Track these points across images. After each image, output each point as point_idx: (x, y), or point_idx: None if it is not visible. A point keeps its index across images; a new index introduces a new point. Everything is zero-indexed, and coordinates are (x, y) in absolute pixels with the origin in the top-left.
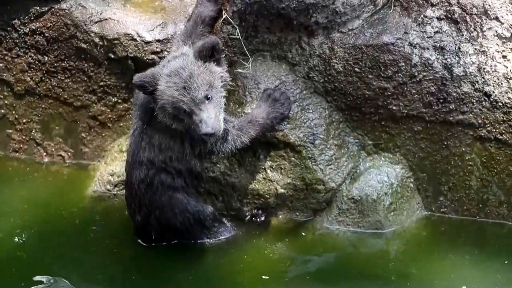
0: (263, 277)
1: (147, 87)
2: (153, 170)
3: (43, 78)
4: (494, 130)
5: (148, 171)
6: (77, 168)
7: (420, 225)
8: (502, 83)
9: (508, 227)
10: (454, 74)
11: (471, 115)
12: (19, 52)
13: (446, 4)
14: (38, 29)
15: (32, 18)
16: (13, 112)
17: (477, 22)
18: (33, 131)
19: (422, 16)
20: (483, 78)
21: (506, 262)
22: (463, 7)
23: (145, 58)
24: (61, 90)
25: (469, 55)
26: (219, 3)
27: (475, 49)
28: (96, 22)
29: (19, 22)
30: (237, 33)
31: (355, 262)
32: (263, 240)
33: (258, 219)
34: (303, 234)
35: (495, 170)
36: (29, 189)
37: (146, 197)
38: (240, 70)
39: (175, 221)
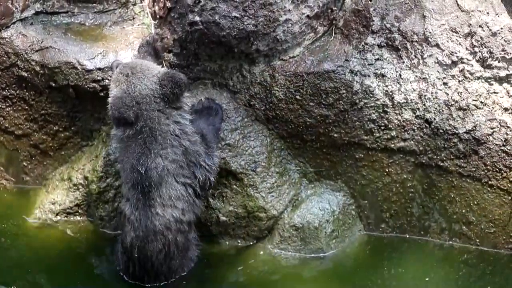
0: None
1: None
2: (170, 235)
3: None
4: (435, 157)
5: (165, 239)
6: (19, 195)
7: (361, 249)
8: (443, 110)
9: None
10: (395, 101)
11: (412, 142)
12: None
13: (387, 31)
14: None
15: None
16: None
17: (418, 49)
18: None
19: (363, 43)
20: (424, 105)
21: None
22: (403, 34)
23: (86, 86)
24: (2, 118)
25: (410, 82)
26: (160, 57)
27: (416, 76)
28: (37, 51)
29: None
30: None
31: (296, 285)
32: (203, 266)
33: None
34: (246, 259)
35: (437, 197)
36: None
37: (164, 266)
38: None
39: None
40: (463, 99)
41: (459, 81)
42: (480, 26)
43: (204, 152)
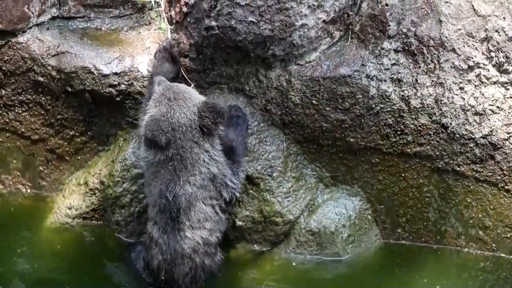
0: None
1: None
2: (197, 258)
3: (0, 112)
4: (452, 162)
5: (192, 263)
6: (35, 200)
7: (378, 254)
8: (459, 115)
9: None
10: (412, 106)
11: (428, 147)
12: None
13: (403, 36)
14: None
15: None
16: None
17: (434, 54)
18: None
19: (379, 48)
20: (440, 110)
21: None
22: (420, 39)
23: (102, 91)
24: (19, 123)
25: (426, 87)
26: (177, 62)
27: (432, 81)
28: (53, 56)
29: None
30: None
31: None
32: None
33: None
34: (262, 264)
35: (453, 202)
36: None
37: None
38: None
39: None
40: (480, 104)
41: (475, 86)
42: (496, 31)
43: (231, 171)
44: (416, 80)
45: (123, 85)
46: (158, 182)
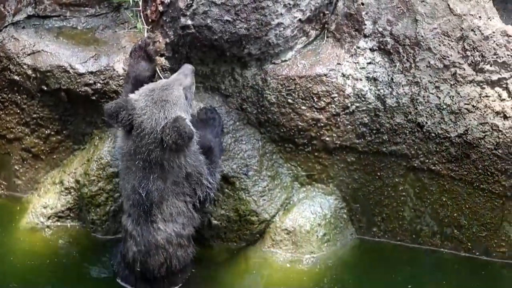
0: None
1: None
2: (171, 248)
3: None
4: (427, 160)
5: (166, 253)
6: (10, 200)
7: (353, 253)
8: (435, 114)
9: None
10: (387, 105)
11: (404, 146)
12: None
13: (379, 35)
14: None
15: None
16: None
17: (410, 53)
18: None
19: (355, 47)
20: (416, 109)
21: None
22: (395, 38)
23: (78, 90)
24: None
25: (402, 86)
26: (153, 60)
27: (408, 80)
28: (29, 54)
29: None
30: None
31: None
32: (195, 269)
33: None
34: (238, 263)
35: (428, 201)
36: None
37: (166, 280)
38: None
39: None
40: (455, 103)
41: (451, 85)
42: (472, 30)
43: (207, 171)
44: (392, 79)
45: (98, 84)
46: (130, 178)
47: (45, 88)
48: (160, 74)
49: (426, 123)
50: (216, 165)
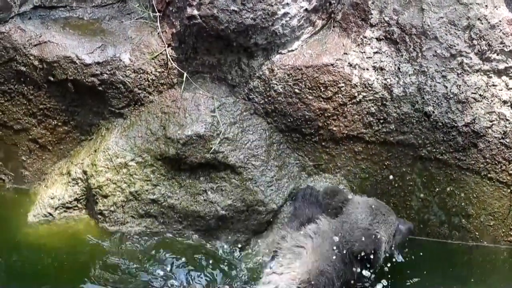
0: None
1: None
2: None
3: None
4: (434, 150)
5: None
6: (18, 191)
7: None
8: (442, 103)
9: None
10: (394, 95)
11: (411, 135)
12: None
13: (385, 24)
14: None
15: None
16: None
17: (417, 42)
18: None
19: (361, 36)
20: (423, 98)
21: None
22: (402, 27)
23: (84, 80)
24: (1, 113)
25: (409, 75)
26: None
27: (415, 69)
28: (35, 45)
29: None
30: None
31: None
32: (203, 260)
33: None
34: (246, 253)
35: (436, 190)
36: None
37: None
38: None
39: None
40: (462, 92)
41: (458, 74)
42: (478, 19)
43: None
44: (399, 68)
45: (105, 75)
46: None
47: (52, 79)
48: (175, 65)
49: (433, 112)
50: None
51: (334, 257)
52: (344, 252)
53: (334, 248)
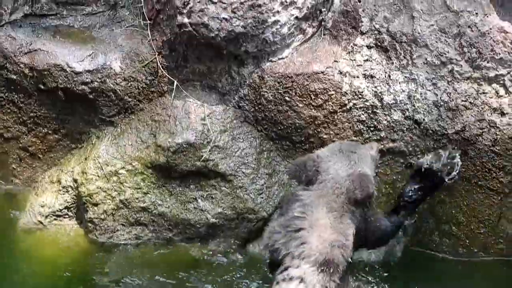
0: None
1: None
2: None
3: None
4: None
5: None
6: (8, 199)
7: None
8: (432, 111)
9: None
10: (384, 102)
11: (401, 143)
12: None
13: (376, 32)
14: None
15: None
16: None
17: (407, 50)
18: None
19: (351, 44)
20: (413, 106)
21: None
22: (392, 35)
23: (75, 88)
24: None
25: (399, 83)
26: None
27: (405, 77)
28: (25, 53)
29: None
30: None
31: None
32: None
33: None
34: (235, 261)
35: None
36: None
37: None
38: None
39: None
40: (452, 100)
41: (448, 81)
42: (469, 26)
43: None
44: (389, 76)
45: (96, 83)
46: None
47: (42, 87)
48: (165, 73)
49: (424, 120)
50: None
51: (333, 219)
52: (344, 206)
53: (332, 210)
